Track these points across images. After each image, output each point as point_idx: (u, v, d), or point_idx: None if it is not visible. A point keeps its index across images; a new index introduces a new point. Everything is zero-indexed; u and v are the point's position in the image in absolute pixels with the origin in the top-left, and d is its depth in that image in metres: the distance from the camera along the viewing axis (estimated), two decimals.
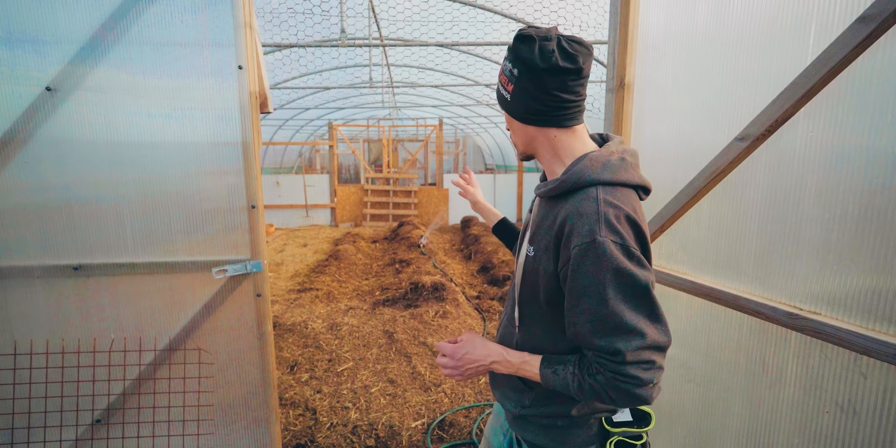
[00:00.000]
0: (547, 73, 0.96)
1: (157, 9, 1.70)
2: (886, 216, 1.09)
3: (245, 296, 1.89)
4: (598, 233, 0.91)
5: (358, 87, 9.45)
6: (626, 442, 1.08)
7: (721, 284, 1.51)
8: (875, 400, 1.14)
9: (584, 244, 0.91)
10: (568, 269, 0.94)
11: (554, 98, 0.99)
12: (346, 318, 4.57)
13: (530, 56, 0.97)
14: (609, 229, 0.91)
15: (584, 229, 0.92)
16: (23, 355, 1.78)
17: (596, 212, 0.93)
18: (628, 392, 0.92)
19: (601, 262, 0.90)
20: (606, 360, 0.92)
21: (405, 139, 15.83)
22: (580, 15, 5.55)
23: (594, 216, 0.92)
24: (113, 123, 1.74)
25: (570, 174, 0.99)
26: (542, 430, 1.13)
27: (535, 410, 1.12)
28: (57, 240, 1.76)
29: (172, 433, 1.88)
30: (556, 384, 1.00)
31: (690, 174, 1.57)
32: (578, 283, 0.92)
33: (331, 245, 8.72)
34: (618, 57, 1.80)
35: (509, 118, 1.10)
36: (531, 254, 1.06)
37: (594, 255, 0.90)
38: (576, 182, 0.98)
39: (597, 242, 0.90)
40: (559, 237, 0.97)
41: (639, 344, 0.90)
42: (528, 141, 1.09)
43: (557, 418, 1.11)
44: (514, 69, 1.00)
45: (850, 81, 1.15)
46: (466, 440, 2.73)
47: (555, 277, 1.00)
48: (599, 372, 0.93)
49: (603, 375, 0.93)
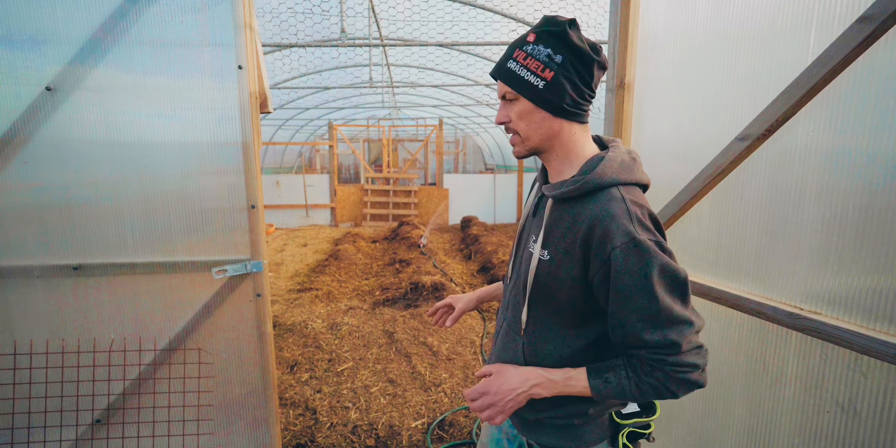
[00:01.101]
0: (596, 66, 0.97)
1: (157, 9, 1.70)
2: (887, 216, 1.09)
3: (245, 296, 1.89)
4: (636, 233, 0.92)
5: (358, 87, 9.45)
6: (635, 432, 1.09)
7: (721, 284, 1.51)
8: (876, 400, 1.14)
9: (624, 245, 0.91)
10: (608, 271, 0.93)
11: (591, 92, 1.00)
12: (346, 317, 4.57)
13: (582, 45, 0.95)
14: (643, 228, 0.93)
15: (621, 230, 0.92)
16: (23, 355, 1.78)
17: (627, 212, 0.94)
18: (689, 381, 0.94)
19: (644, 261, 0.91)
20: (663, 354, 0.93)
21: (405, 139, 15.82)
22: (580, 15, 5.55)
23: (626, 217, 0.93)
24: (113, 123, 1.74)
25: (593, 175, 0.97)
26: (558, 432, 1.11)
27: (551, 413, 1.10)
28: (57, 240, 1.76)
29: (172, 433, 1.87)
30: (609, 393, 0.98)
31: (691, 174, 1.57)
32: (624, 283, 0.92)
33: (331, 245, 8.72)
34: (618, 57, 1.80)
35: (531, 108, 1.01)
36: (545, 258, 1.03)
37: (637, 254, 0.91)
38: (598, 183, 0.97)
39: (637, 242, 0.91)
40: (587, 241, 0.96)
41: (689, 331, 0.93)
42: (549, 135, 1.03)
43: (575, 417, 1.09)
44: (556, 56, 0.96)
45: (850, 81, 1.15)
46: (466, 440, 2.73)
47: (581, 282, 0.99)
48: (657, 368, 0.94)
49: (662, 371, 0.94)
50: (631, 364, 0.98)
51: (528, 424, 1.15)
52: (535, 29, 1.00)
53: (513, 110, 1.03)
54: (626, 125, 1.84)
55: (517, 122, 1.03)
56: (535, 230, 1.10)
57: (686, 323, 0.93)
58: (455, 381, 3.39)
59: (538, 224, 1.10)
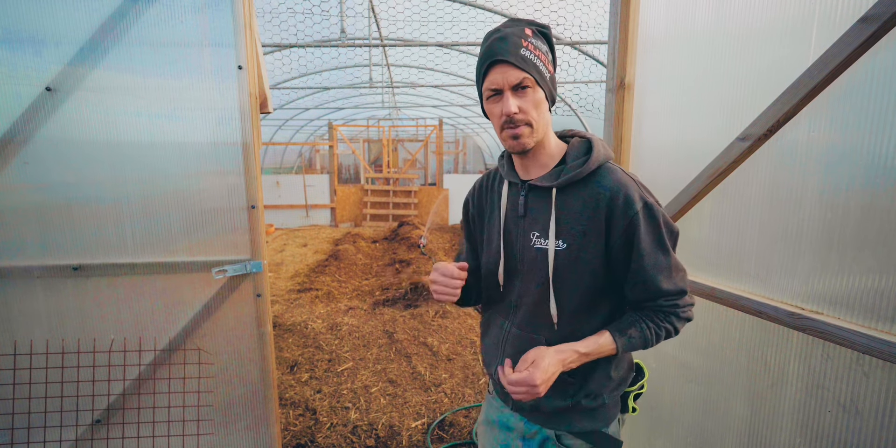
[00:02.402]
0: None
1: (157, 9, 1.70)
2: (888, 216, 1.09)
3: (245, 296, 1.89)
4: (646, 197, 1.03)
5: (358, 88, 9.45)
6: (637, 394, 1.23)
7: (722, 284, 1.51)
8: (877, 399, 1.14)
9: (642, 209, 1.01)
10: (632, 234, 1.01)
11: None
12: (346, 318, 4.57)
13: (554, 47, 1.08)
14: (647, 192, 1.06)
15: (635, 196, 1.01)
16: (23, 355, 1.78)
17: (632, 180, 1.05)
18: (689, 318, 1.10)
19: (657, 221, 1.03)
20: (676, 300, 1.06)
21: (405, 139, 15.83)
22: (580, 15, 5.55)
23: (633, 184, 1.04)
24: (113, 123, 1.74)
25: (596, 156, 1.06)
26: (588, 415, 1.15)
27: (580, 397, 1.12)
28: (56, 240, 1.76)
29: (172, 433, 1.87)
30: (635, 346, 1.07)
31: (691, 174, 1.56)
32: (644, 243, 1.02)
33: (331, 245, 8.72)
34: (618, 57, 1.80)
35: (542, 98, 1.02)
36: (561, 247, 1.04)
37: (652, 215, 1.02)
38: (599, 163, 1.06)
39: (648, 205, 1.02)
40: (611, 212, 1.02)
41: (687, 276, 1.10)
42: (549, 127, 1.10)
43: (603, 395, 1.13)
44: (549, 54, 1.06)
45: (852, 81, 1.15)
46: (466, 440, 2.73)
47: (603, 255, 1.04)
48: (671, 314, 1.07)
49: (675, 315, 1.07)
50: (647, 316, 1.07)
51: (558, 413, 1.15)
52: (527, 24, 1.03)
53: (527, 99, 1.00)
54: (626, 125, 1.84)
55: (531, 111, 1.01)
56: (534, 227, 1.09)
57: (684, 270, 1.09)
58: (455, 382, 3.39)
59: (536, 219, 1.09)
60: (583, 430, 1.15)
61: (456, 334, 4.18)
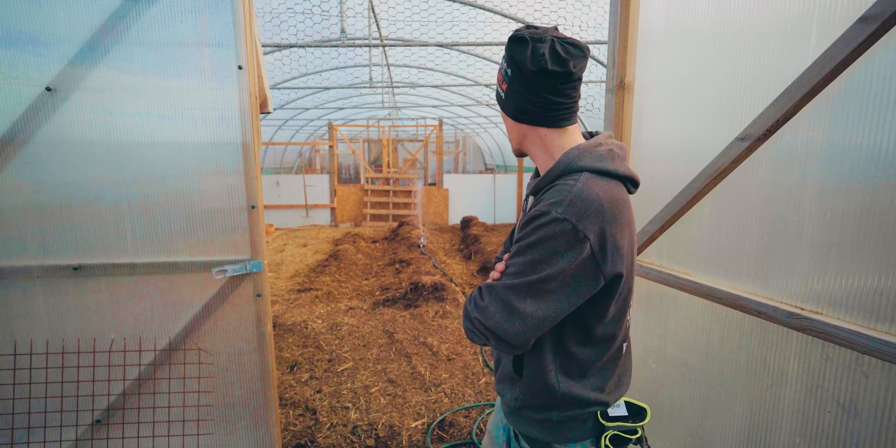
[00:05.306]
0: (536, 76, 0.98)
1: (157, 9, 1.70)
2: (888, 215, 1.09)
3: (245, 296, 1.89)
4: (557, 206, 0.92)
5: (358, 88, 9.45)
6: (620, 436, 1.07)
7: (722, 284, 1.51)
8: (877, 399, 1.14)
9: (543, 214, 0.93)
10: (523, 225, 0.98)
11: (543, 100, 1.01)
12: (346, 318, 4.57)
13: (522, 58, 0.98)
14: (568, 207, 0.92)
15: (556, 206, 0.92)
16: (23, 355, 1.78)
17: (569, 190, 0.94)
18: (470, 319, 1.06)
19: (543, 236, 0.92)
20: (476, 298, 1.05)
21: (405, 139, 15.83)
22: (580, 15, 5.55)
23: (564, 192, 0.94)
24: (113, 123, 1.74)
25: (559, 163, 1.00)
26: (537, 425, 1.12)
27: (523, 404, 1.11)
28: (56, 240, 1.76)
29: (172, 433, 1.87)
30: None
31: (691, 174, 1.56)
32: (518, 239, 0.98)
33: (331, 245, 8.72)
34: (618, 57, 1.80)
35: (504, 116, 1.12)
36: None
37: (544, 224, 0.92)
38: (563, 170, 0.99)
39: (557, 219, 0.91)
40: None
41: (503, 309, 0.99)
42: (520, 139, 1.11)
43: (552, 411, 1.08)
44: (508, 69, 1.03)
45: (851, 81, 1.15)
46: (466, 440, 2.73)
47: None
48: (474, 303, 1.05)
49: (473, 305, 1.06)
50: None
51: (512, 413, 1.17)
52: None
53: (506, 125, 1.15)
54: (626, 125, 1.84)
55: (510, 134, 1.15)
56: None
57: (512, 306, 0.97)
58: (455, 382, 3.39)
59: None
60: (531, 437, 1.13)
61: (456, 334, 4.18)
